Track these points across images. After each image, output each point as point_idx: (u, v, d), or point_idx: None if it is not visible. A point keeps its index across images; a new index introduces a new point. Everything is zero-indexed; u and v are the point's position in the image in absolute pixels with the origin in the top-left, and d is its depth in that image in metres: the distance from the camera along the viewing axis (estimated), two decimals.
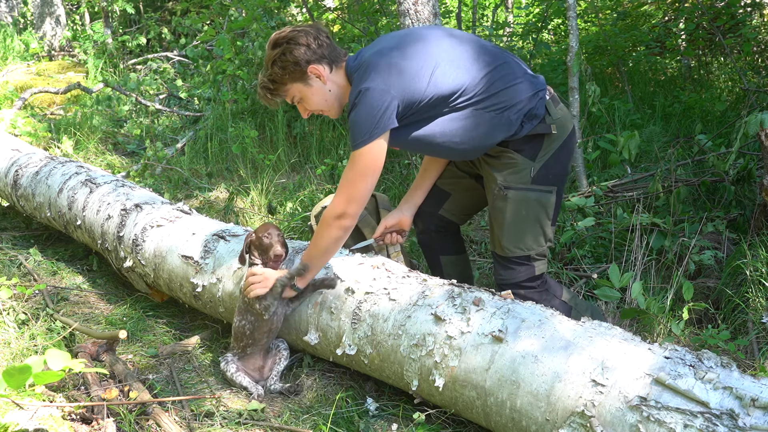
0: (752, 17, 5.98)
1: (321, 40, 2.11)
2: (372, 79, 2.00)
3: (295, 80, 2.12)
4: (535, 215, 2.19)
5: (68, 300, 3.04)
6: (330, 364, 2.42)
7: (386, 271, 2.23)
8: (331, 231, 2.09)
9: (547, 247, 2.26)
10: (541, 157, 2.15)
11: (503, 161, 2.17)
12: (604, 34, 5.74)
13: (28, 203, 3.62)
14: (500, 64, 2.11)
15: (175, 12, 8.90)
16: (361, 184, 2.05)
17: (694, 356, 1.67)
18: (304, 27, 2.13)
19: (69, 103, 6.76)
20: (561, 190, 2.23)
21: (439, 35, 2.16)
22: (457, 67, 2.06)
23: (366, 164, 2.03)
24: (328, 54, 2.12)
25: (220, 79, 5.84)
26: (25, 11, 10.84)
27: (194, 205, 4.39)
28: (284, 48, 2.08)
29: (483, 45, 2.18)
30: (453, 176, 2.43)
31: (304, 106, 2.21)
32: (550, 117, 2.13)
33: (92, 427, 1.98)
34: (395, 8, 4.39)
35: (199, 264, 2.57)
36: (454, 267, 2.55)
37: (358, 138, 2.01)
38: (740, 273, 2.75)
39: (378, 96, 1.98)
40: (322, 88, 2.14)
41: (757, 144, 3.48)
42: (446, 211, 2.47)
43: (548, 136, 2.14)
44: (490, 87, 2.08)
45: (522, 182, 2.15)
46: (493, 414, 1.86)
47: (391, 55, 2.06)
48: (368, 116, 1.98)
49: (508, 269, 2.26)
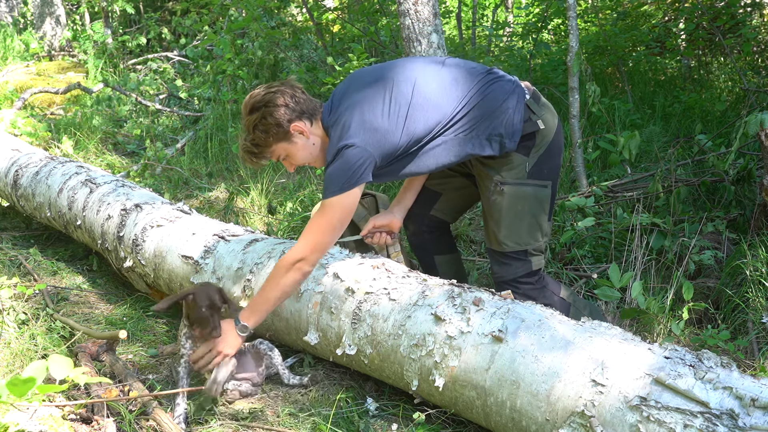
0: (752, 17, 5.98)
1: (297, 97, 2.14)
2: (350, 137, 2.05)
3: (279, 140, 2.15)
4: (531, 209, 2.21)
5: (68, 300, 3.04)
6: (330, 364, 2.42)
7: (386, 271, 2.23)
8: (290, 275, 2.07)
9: (543, 242, 2.28)
10: (534, 153, 2.19)
11: (498, 160, 2.19)
12: (604, 34, 5.75)
13: (28, 203, 3.62)
14: (474, 92, 2.14)
15: (175, 12, 8.90)
16: (328, 235, 2.08)
17: (694, 356, 1.67)
18: (278, 86, 2.15)
19: (69, 103, 6.76)
20: (555, 184, 2.27)
21: (408, 71, 2.17)
22: (427, 109, 2.11)
23: (335, 216, 2.07)
24: (306, 109, 2.15)
25: (220, 79, 5.84)
26: (25, 11, 10.83)
27: (194, 205, 4.39)
28: (264, 111, 2.10)
29: (457, 70, 2.20)
30: (442, 176, 2.44)
31: (290, 162, 2.24)
32: (535, 115, 2.17)
33: (92, 427, 1.98)
34: (395, 8, 4.40)
35: (199, 264, 2.57)
36: (449, 266, 2.56)
37: (331, 189, 2.05)
38: (740, 273, 2.75)
39: (357, 153, 2.03)
40: (306, 143, 2.18)
41: (757, 144, 3.47)
42: (437, 210, 2.49)
43: (539, 132, 2.18)
44: (465, 114, 2.13)
45: (518, 178, 2.18)
46: (493, 414, 1.86)
47: (363, 110, 2.09)
48: (344, 172, 2.03)
49: (503, 265, 2.27)
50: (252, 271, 2.42)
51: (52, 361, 1.72)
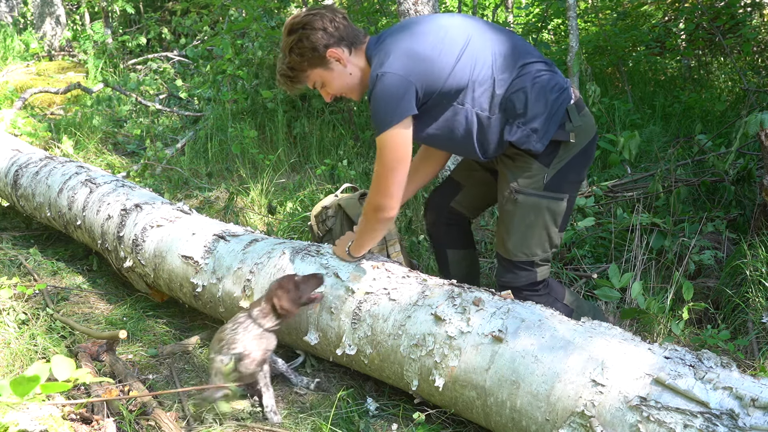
0: (752, 17, 5.98)
1: (337, 23, 2.04)
2: (390, 64, 1.94)
3: (315, 66, 2.06)
4: (543, 222, 2.14)
5: (68, 300, 3.04)
6: (330, 364, 2.42)
7: (386, 271, 2.22)
8: (370, 223, 2.12)
9: (552, 253, 2.22)
10: (555, 164, 2.08)
11: (518, 163, 2.10)
12: (604, 34, 5.75)
13: (28, 203, 3.62)
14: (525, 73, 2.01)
15: (175, 12, 8.90)
16: (390, 177, 2.00)
17: (694, 356, 1.67)
18: (319, 10, 2.06)
19: (69, 103, 6.76)
20: (573, 197, 2.17)
21: (468, 25, 2.07)
22: (478, 58, 1.99)
23: (390, 155, 1.97)
24: (346, 36, 2.05)
25: (220, 79, 5.84)
26: (25, 11, 10.84)
27: (194, 205, 4.39)
28: (300, 34, 2.03)
29: (514, 45, 2.08)
30: (467, 168, 2.39)
31: (326, 90, 2.15)
32: (570, 124, 2.05)
33: (92, 427, 1.98)
34: (395, 8, 4.39)
35: (199, 264, 2.57)
36: (460, 262, 2.51)
37: (377, 126, 1.97)
38: (740, 273, 2.75)
39: (396, 81, 1.92)
40: (343, 71, 2.08)
41: (757, 144, 3.47)
42: (457, 203, 2.43)
43: (565, 144, 2.06)
44: (504, 90, 2.01)
45: (534, 188, 2.10)
46: (493, 414, 1.86)
47: (412, 40, 1.99)
48: (385, 103, 1.93)
49: (510, 272, 2.23)
50: (252, 271, 2.42)
51: (55, 362, 1.72)
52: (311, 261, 2.34)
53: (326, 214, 2.82)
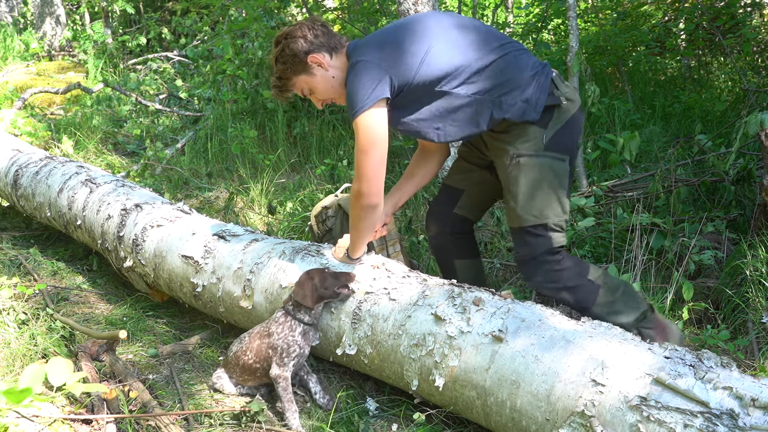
0: (752, 17, 5.98)
1: (316, 30, 2.16)
2: (365, 53, 2.06)
3: (298, 72, 2.17)
4: (549, 182, 2.14)
5: (68, 300, 3.04)
6: (330, 364, 2.42)
7: (386, 271, 2.23)
8: (354, 211, 2.15)
9: (563, 219, 2.19)
10: (552, 126, 2.13)
11: (513, 133, 2.14)
12: (604, 34, 5.75)
13: (29, 203, 3.62)
14: (503, 54, 2.11)
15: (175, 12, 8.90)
16: (365, 161, 2.04)
17: (694, 356, 1.67)
18: (301, 21, 2.22)
19: (69, 103, 6.76)
20: (573, 160, 2.19)
21: (441, 18, 2.18)
22: (453, 48, 2.07)
23: (365, 137, 2.03)
24: (326, 42, 2.16)
25: (220, 79, 5.84)
26: (25, 11, 10.84)
27: (194, 205, 4.39)
28: (283, 44, 2.16)
29: (489, 31, 2.18)
30: (463, 171, 2.40)
31: (315, 97, 2.24)
32: (558, 91, 2.13)
33: (92, 427, 1.98)
34: (395, 8, 4.39)
35: (199, 264, 2.57)
36: (468, 271, 2.49)
37: (351, 109, 2.04)
38: (740, 273, 2.75)
39: (369, 68, 2.02)
40: (326, 75, 2.17)
41: (757, 144, 3.47)
42: (460, 208, 2.44)
43: (558, 108, 2.13)
44: (492, 71, 2.08)
45: (534, 149, 2.12)
46: (493, 414, 1.86)
47: (387, 33, 2.13)
48: (359, 87, 2.01)
49: (525, 244, 2.19)
50: (252, 270, 2.42)
51: (51, 366, 1.72)
52: (311, 261, 2.34)
53: (326, 214, 2.82)
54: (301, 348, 2.11)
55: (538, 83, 2.10)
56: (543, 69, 2.14)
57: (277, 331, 2.11)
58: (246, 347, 2.20)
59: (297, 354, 2.11)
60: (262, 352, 2.14)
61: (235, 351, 2.24)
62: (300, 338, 2.11)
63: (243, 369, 2.21)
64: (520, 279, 3.18)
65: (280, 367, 2.09)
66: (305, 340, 2.13)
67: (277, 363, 2.09)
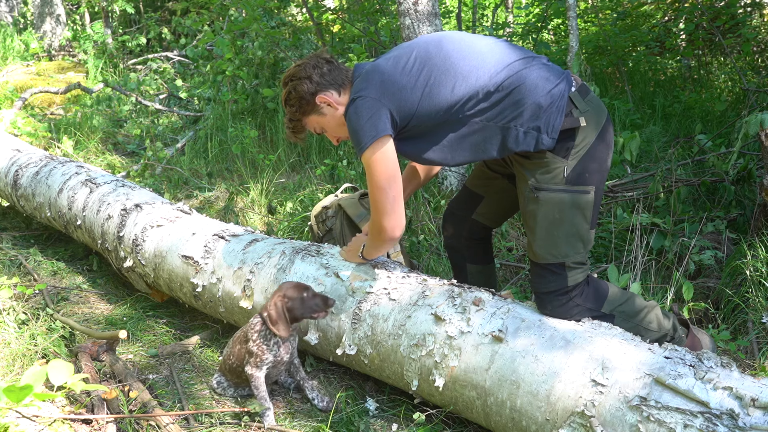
0: (752, 17, 5.98)
1: (322, 69, 2.11)
2: (363, 89, 2.01)
3: (308, 113, 2.14)
4: (570, 219, 1.99)
5: (68, 300, 3.04)
6: (330, 364, 2.42)
7: (386, 271, 2.23)
8: (376, 242, 2.13)
9: (585, 254, 2.05)
10: (574, 155, 1.97)
11: (534, 160, 2.00)
12: (604, 34, 5.75)
13: (28, 203, 3.62)
14: (512, 74, 1.97)
15: (175, 12, 8.90)
16: (383, 196, 2.00)
17: (694, 356, 1.67)
18: (305, 60, 2.16)
19: (69, 103, 6.77)
20: (600, 188, 2.03)
21: (443, 43, 2.06)
22: (455, 76, 1.98)
23: (377, 173, 1.98)
24: (333, 79, 2.12)
25: (220, 79, 5.84)
26: (25, 11, 10.84)
27: (194, 205, 4.39)
28: (289, 86, 2.13)
29: (496, 50, 2.03)
30: (484, 177, 2.32)
31: (330, 134, 2.22)
32: (577, 110, 1.96)
33: (92, 427, 1.98)
34: (395, 8, 4.39)
35: (199, 264, 2.57)
36: (479, 276, 2.43)
37: (357, 146, 2.00)
38: (740, 273, 2.75)
39: (368, 104, 1.97)
40: (335, 114, 2.13)
41: (757, 144, 3.47)
42: (480, 215, 2.35)
43: (580, 130, 1.96)
44: (500, 96, 1.96)
45: (555, 183, 1.97)
46: (493, 414, 1.86)
47: (385, 66, 2.04)
48: (361, 124, 1.97)
49: (540, 278, 2.05)
50: (252, 271, 2.42)
51: (52, 367, 1.72)
52: (311, 261, 2.34)
53: (326, 214, 2.82)
54: (275, 356, 2.13)
55: (552, 104, 1.94)
56: (558, 86, 1.96)
57: (253, 339, 2.13)
58: (230, 351, 2.25)
59: (271, 361, 2.13)
60: (242, 356, 2.18)
61: (224, 354, 2.30)
62: (275, 347, 2.12)
63: (231, 371, 2.25)
64: (520, 279, 3.18)
65: (253, 368, 2.12)
66: (281, 349, 2.14)
67: (251, 364, 2.12)
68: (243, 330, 2.22)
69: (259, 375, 2.11)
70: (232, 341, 2.27)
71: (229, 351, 2.25)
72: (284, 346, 2.15)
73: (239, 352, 2.19)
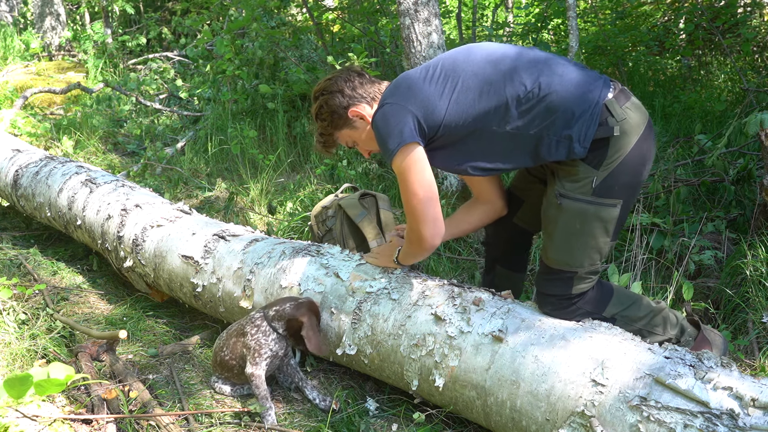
0: (752, 17, 5.98)
1: (353, 82, 2.09)
2: (390, 96, 1.99)
3: (340, 127, 2.12)
4: (590, 231, 1.92)
5: (68, 300, 3.04)
6: (330, 364, 2.42)
7: (386, 271, 2.22)
8: (414, 249, 2.08)
9: (599, 265, 2.00)
10: (606, 166, 1.88)
11: (564, 166, 1.93)
12: (604, 34, 5.75)
13: (29, 203, 3.62)
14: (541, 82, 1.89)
15: (175, 12, 8.90)
16: (418, 203, 1.94)
17: (694, 356, 1.67)
18: (336, 73, 2.14)
19: (69, 103, 6.77)
20: (629, 202, 1.94)
21: (472, 52, 2.02)
22: (483, 84, 1.93)
23: (408, 180, 1.93)
24: (364, 93, 2.10)
25: (220, 79, 5.84)
26: (25, 11, 10.84)
27: (194, 205, 4.39)
28: (320, 100, 2.12)
29: (525, 58, 1.97)
30: (525, 182, 2.26)
31: (362, 147, 2.19)
32: (612, 119, 1.86)
33: (92, 427, 1.98)
34: (395, 8, 4.39)
35: (199, 264, 2.57)
36: (506, 281, 2.37)
37: (385, 153, 1.97)
38: (740, 273, 2.75)
39: (394, 110, 1.94)
40: (367, 127, 2.10)
41: (757, 144, 3.47)
42: (519, 219, 2.30)
43: (614, 140, 1.87)
44: (525, 106, 1.90)
45: (581, 193, 1.90)
46: (493, 414, 1.86)
47: (413, 75, 2.02)
48: (387, 130, 1.94)
49: (547, 280, 2.02)
50: (252, 271, 2.42)
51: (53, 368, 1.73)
52: (311, 261, 2.34)
53: (326, 214, 2.82)
54: (273, 351, 2.14)
55: (586, 112, 1.86)
56: (593, 92, 1.88)
57: (251, 332, 2.15)
58: (223, 344, 2.26)
59: (269, 356, 2.14)
60: (237, 350, 2.19)
61: (215, 347, 2.31)
62: (273, 343, 2.14)
63: (221, 365, 2.26)
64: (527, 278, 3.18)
65: (252, 366, 2.12)
66: (278, 345, 2.16)
67: (250, 362, 2.13)
68: (240, 323, 2.23)
69: (260, 374, 2.11)
70: (226, 334, 2.27)
71: (221, 344, 2.26)
72: (281, 344, 2.16)
73: (234, 345, 2.20)
